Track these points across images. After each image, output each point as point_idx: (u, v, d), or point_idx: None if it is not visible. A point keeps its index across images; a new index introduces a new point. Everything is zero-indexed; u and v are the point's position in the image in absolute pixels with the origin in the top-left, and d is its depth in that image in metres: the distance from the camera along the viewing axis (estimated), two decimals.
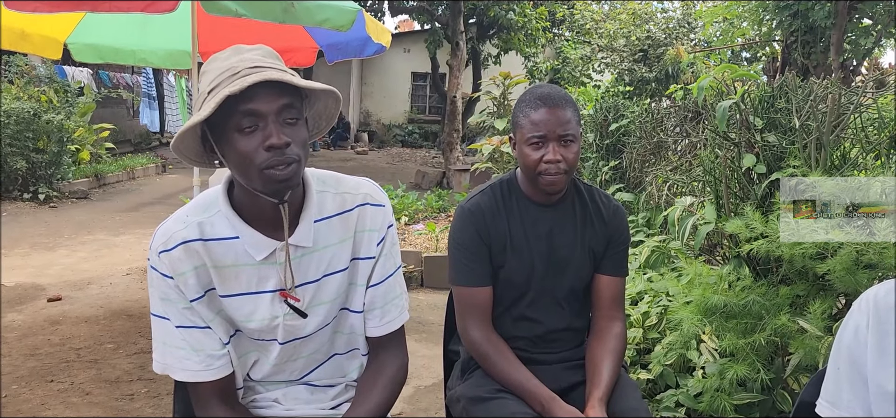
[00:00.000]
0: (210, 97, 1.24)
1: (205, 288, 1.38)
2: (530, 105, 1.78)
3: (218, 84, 1.24)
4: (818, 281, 2.32)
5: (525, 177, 1.86)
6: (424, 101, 22.84)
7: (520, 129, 1.80)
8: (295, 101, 1.29)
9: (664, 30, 12.27)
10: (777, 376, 2.38)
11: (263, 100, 1.24)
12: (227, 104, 1.23)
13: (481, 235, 1.84)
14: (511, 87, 7.12)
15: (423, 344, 4.13)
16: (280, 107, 1.26)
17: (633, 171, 4.94)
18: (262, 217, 1.37)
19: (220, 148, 1.30)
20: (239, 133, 1.25)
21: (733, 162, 2.73)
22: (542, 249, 1.86)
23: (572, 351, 1.92)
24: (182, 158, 1.37)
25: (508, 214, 1.87)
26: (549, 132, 1.74)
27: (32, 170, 8.79)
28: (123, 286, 5.20)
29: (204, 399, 1.42)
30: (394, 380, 1.52)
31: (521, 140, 1.79)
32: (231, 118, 1.24)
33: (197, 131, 1.31)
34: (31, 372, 3.53)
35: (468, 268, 1.84)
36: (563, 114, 1.75)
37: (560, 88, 1.83)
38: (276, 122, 1.25)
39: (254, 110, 1.24)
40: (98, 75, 12.74)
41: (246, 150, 1.25)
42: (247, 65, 1.25)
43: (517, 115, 1.82)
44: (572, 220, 1.89)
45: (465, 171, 10.67)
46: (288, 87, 1.27)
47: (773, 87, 2.81)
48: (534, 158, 1.76)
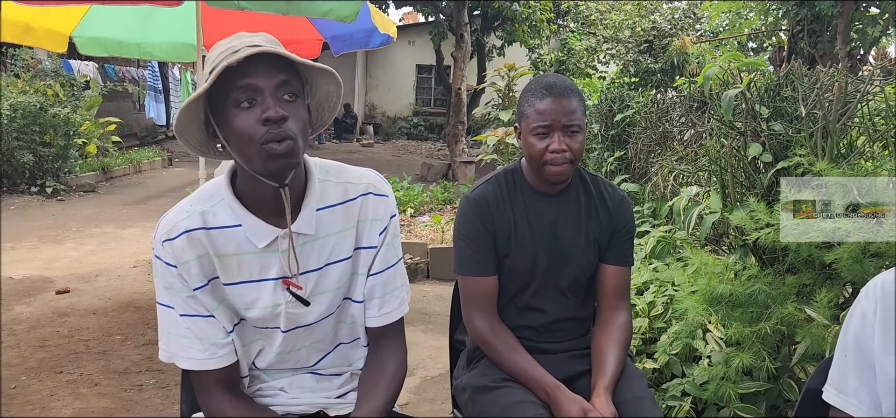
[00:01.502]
0: (210, 75, 1.26)
1: (208, 276, 1.39)
2: (535, 94, 1.78)
3: (218, 62, 1.26)
4: (824, 269, 2.32)
5: (530, 166, 1.86)
6: (429, 93, 22.82)
7: (525, 119, 1.80)
8: (292, 80, 1.31)
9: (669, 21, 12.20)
10: (783, 365, 2.38)
11: (261, 75, 1.26)
12: (226, 80, 1.25)
13: (486, 225, 1.84)
14: (516, 79, 7.11)
15: (429, 334, 4.15)
16: (278, 82, 1.28)
17: (639, 162, 4.93)
18: (263, 204, 1.37)
19: (221, 130, 1.31)
20: (237, 108, 1.27)
21: (739, 151, 2.72)
22: (546, 239, 1.86)
23: (577, 341, 1.92)
24: (186, 146, 1.38)
25: (513, 204, 1.87)
26: (554, 121, 1.74)
27: (39, 163, 8.83)
28: (131, 278, 5.23)
29: (207, 387, 1.43)
30: (395, 378, 1.52)
31: (526, 129, 1.79)
32: (230, 94, 1.27)
33: (200, 115, 1.33)
34: (40, 364, 3.55)
35: (473, 257, 1.84)
36: (568, 103, 1.75)
37: (565, 78, 1.82)
38: (273, 96, 1.27)
39: (251, 84, 1.26)
40: (104, 69, 12.78)
41: (244, 126, 1.27)
42: (246, 44, 1.28)
43: (523, 105, 1.82)
44: (577, 210, 1.89)
45: (470, 163, 10.68)
46: (286, 65, 1.30)
47: (780, 76, 2.79)
48: (539, 148, 1.76)
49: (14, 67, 9.87)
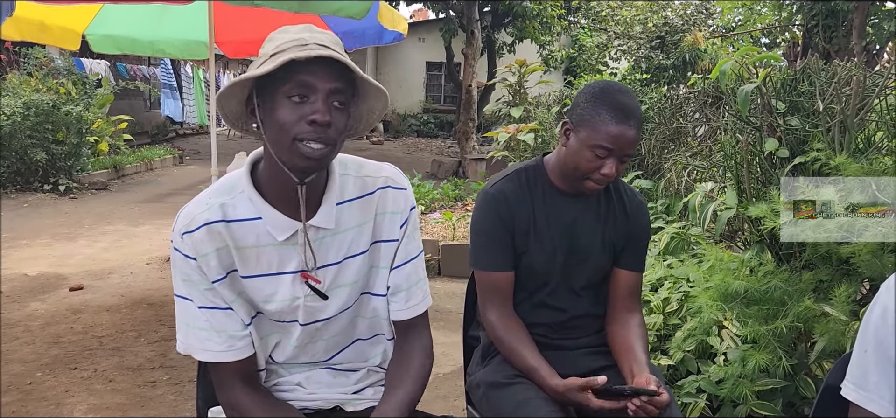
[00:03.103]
0: (272, 60, 1.26)
1: (226, 269, 1.39)
2: (612, 114, 1.67)
3: (284, 49, 1.26)
4: (842, 265, 2.29)
5: (567, 171, 1.79)
6: (439, 90, 22.79)
7: (588, 129, 1.70)
8: (346, 89, 1.31)
9: (681, 16, 12.14)
10: (800, 362, 2.35)
11: (321, 76, 1.27)
12: (285, 69, 1.25)
13: (504, 220, 1.82)
14: (526, 75, 7.08)
15: (442, 331, 4.14)
16: (333, 88, 1.28)
17: (652, 158, 4.91)
18: (284, 197, 1.37)
19: (262, 112, 1.31)
20: (288, 100, 1.27)
21: (755, 146, 2.69)
22: (563, 238, 1.85)
23: (593, 337, 1.91)
24: (221, 112, 1.38)
25: (533, 201, 1.85)
26: (617, 149, 1.68)
27: (52, 161, 8.88)
28: (144, 275, 5.25)
29: (225, 380, 1.43)
30: (420, 373, 1.53)
31: (584, 140, 1.70)
32: (285, 84, 1.27)
33: (245, 88, 1.33)
34: (54, 360, 3.58)
35: (489, 252, 1.83)
36: (636, 134, 1.70)
37: (635, 98, 1.74)
38: (325, 101, 1.27)
39: (308, 82, 1.26)
40: (115, 67, 12.84)
41: (288, 118, 1.27)
42: (316, 41, 1.28)
43: (590, 113, 1.70)
44: (596, 212, 1.88)
45: (480, 160, 10.66)
46: (345, 74, 1.30)
47: (796, 71, 2.77)
48: (591, 165, 1.71)
49: (27, 66, 9.94)
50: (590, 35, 16.22)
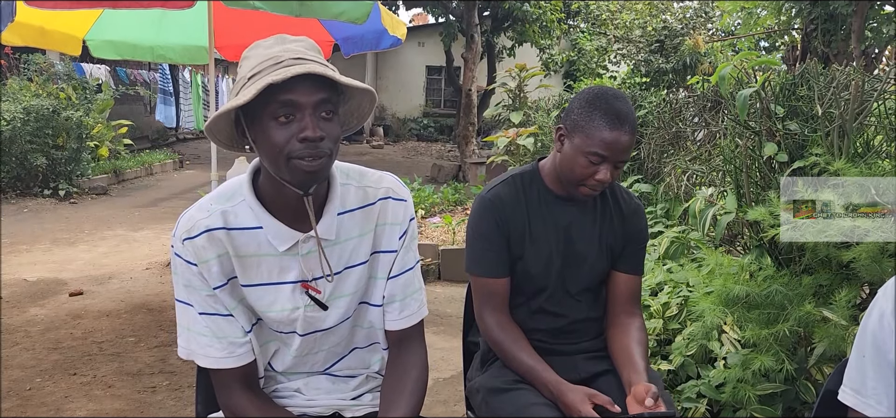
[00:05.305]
0: (250, 83, 1.24)
1: (227, 276, 1.38)
2: (606, 121, 1.66)
3: (260, 71, 1.24)
4: (842, 269, 2.29)
5: (561, 176, 1.80)
6: (439, 94, 22.80)
7: (583, 135, 1.69)
8: (332, 97, 1.29)
9: (681, 20, 12.15)
10: (800, 366, 2.35)
11: (303, 92, 1.24)
12: (266, 92, 1.23)
13: (500, 226, 1.82)
14: (526, 80, 7.09)
15: (441, 336, 4.14)
16: (318, 100, 1.26)
17: (652, 162, 4.90)
18: (286, 208, 1.37)
19: (252, 133, 1.30)
20: (274, 121, 1.25)
21: (754, 151, 2.70)
22: (560, 243, 1.85)
23: (592, 342, 1.91)
24: (214, 141, 1.37)
25: (528, 205, 1.85)
26: (612, 155, 1.68)
27: (53, 166, 8.89)
28: (144, 280, 5.25)
29: (226, 385, 1.43)
30: (418, 384, 1.51)
31: (578, 146, 1.70)
32: (268, 106, 1.24)
33: (231, 115, 1.31)
34: (54, 366, 3.57)
35: (485, 257, 1.83)
36: (630, 139, 1.69)
37: (629, 104, 1.73)
38: (312, 116, 1.25)
39: (293, 101, 1.24)
40: (115, 72, 12.86)
41: (279, 140, 1.25)
42: (290, 55, 1.25)
43: (585, 119, 1.69)
44: (592, 215, 1.88)
45: (480, 164, 10.66)
46: (327, 82, 1.27)
47: (795, 75, 2.77)
48: (586, 172, 1.70)
49: (27, 71, 9.95)
50: (589, 39, 16.25)
